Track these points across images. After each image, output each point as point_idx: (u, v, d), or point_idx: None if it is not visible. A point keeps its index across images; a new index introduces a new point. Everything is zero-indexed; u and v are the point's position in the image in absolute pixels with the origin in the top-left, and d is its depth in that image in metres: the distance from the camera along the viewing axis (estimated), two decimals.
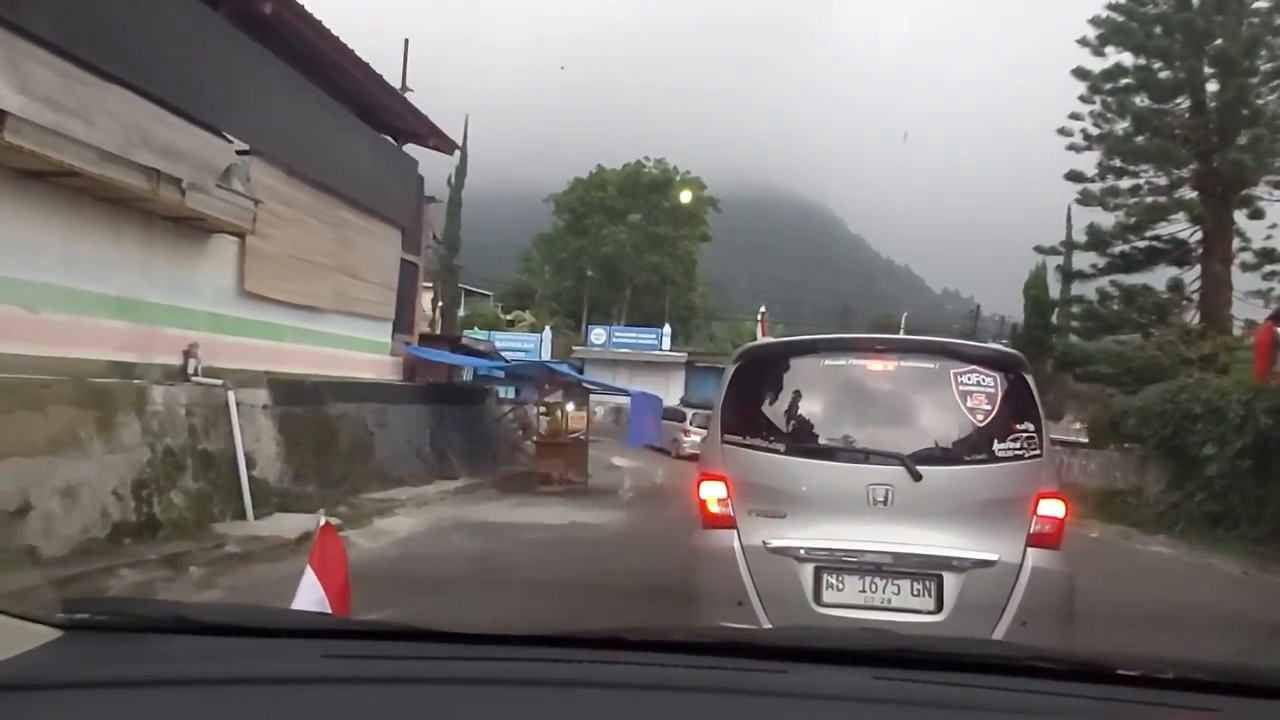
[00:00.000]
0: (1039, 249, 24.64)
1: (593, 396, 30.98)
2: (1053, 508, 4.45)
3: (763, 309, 40.93)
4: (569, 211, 49.97)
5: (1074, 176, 23.67)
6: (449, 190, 46.55)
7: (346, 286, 13.49)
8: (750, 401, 4.86)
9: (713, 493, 4.70)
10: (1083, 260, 24.76)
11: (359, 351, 14.14)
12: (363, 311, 14.15)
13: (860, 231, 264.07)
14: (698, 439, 31.46)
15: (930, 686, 1.37)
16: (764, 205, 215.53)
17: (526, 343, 46.32)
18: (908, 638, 1.64)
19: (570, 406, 17.56)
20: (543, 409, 18.54)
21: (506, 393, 27.14)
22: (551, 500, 14.62)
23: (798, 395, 4.82)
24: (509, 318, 52.16)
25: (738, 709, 1.28)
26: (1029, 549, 4.36)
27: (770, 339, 6.58)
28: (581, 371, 47.21)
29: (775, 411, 4.78)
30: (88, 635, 1.43)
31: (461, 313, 56.72)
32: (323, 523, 3.30)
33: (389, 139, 15.61)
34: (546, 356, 45.90)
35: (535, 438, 16.29)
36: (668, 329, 46.10)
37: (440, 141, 16.04)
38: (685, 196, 46.28)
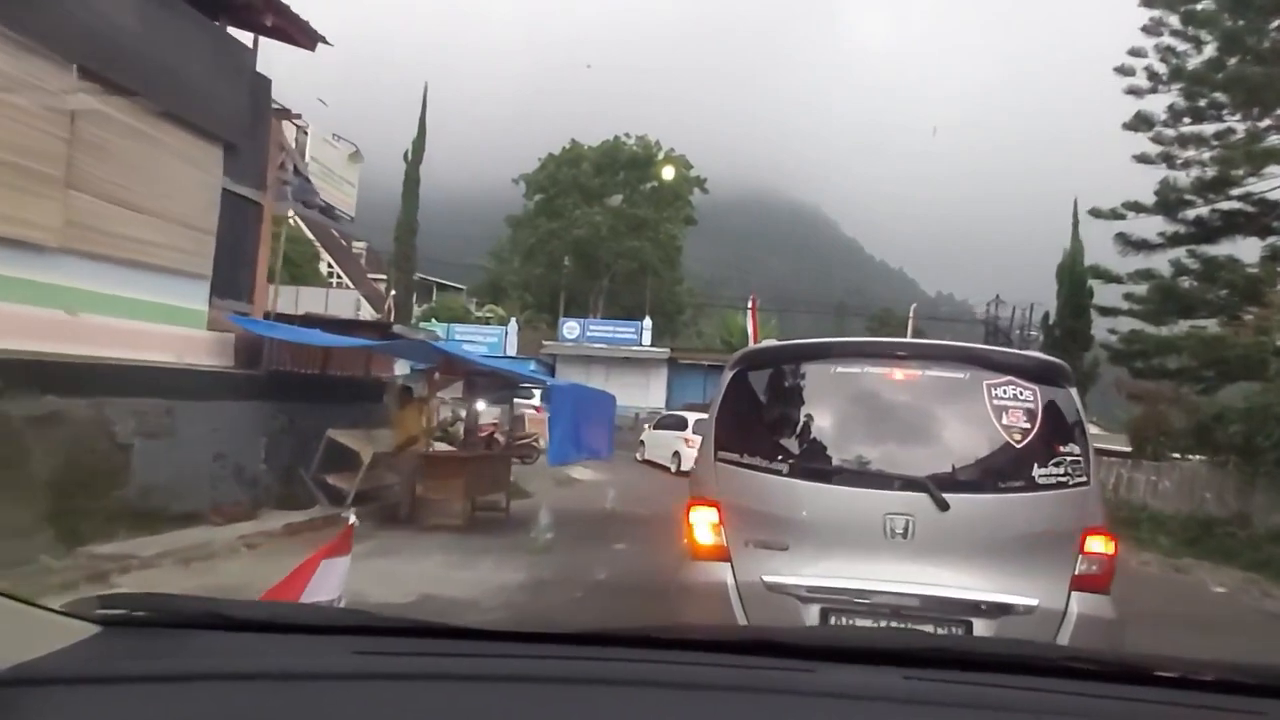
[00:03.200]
0: (1095, 212, 19.87)
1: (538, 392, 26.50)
2: (1102, 545, 3.95)
3: (753, 296, 36.40)
4: (540, 191, 44.99)
5: (1140, 122, 18.98)
6: (405, 166, 41.96)
7: (100, 217, 8.65)
8: (749, 414, 4.33)
9: (703, 519, 4.16)
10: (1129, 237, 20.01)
11: (139, 320, 9.28)
12: (142, 259, 9.29)
13: (854, 234, 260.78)
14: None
15: (963, 687, 1.34)
16: (758, 207, 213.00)
17: (490, 337, 41.49)
18: (940, 637, 1.75)
19: (482, 405, 12.74)
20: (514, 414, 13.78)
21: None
22: (432, 546, 9.77)
23: (804, 407, 4.22)
24: (483, 313, 47.47)
25: (766, 708, 1.27)
26: (1074, 593, 3.86)
27: (773, 341, 4.87)
28: (553, 370, 42.62)
29: (778, 426, 4.23)
30: (125, 631, 1.43)
31: (423, 305, 52.22)
32: (352, 521, 3.69)
33: (207, 20, 10.72)
34: (512, 352, 41.10)
35: (430, 449, 11.39)
36: (648, 322, 41.29)
37: (286, 25, 11.15)
38: (668, 173, 41.40)
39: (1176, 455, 21.06)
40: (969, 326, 30.95)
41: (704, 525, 4.16)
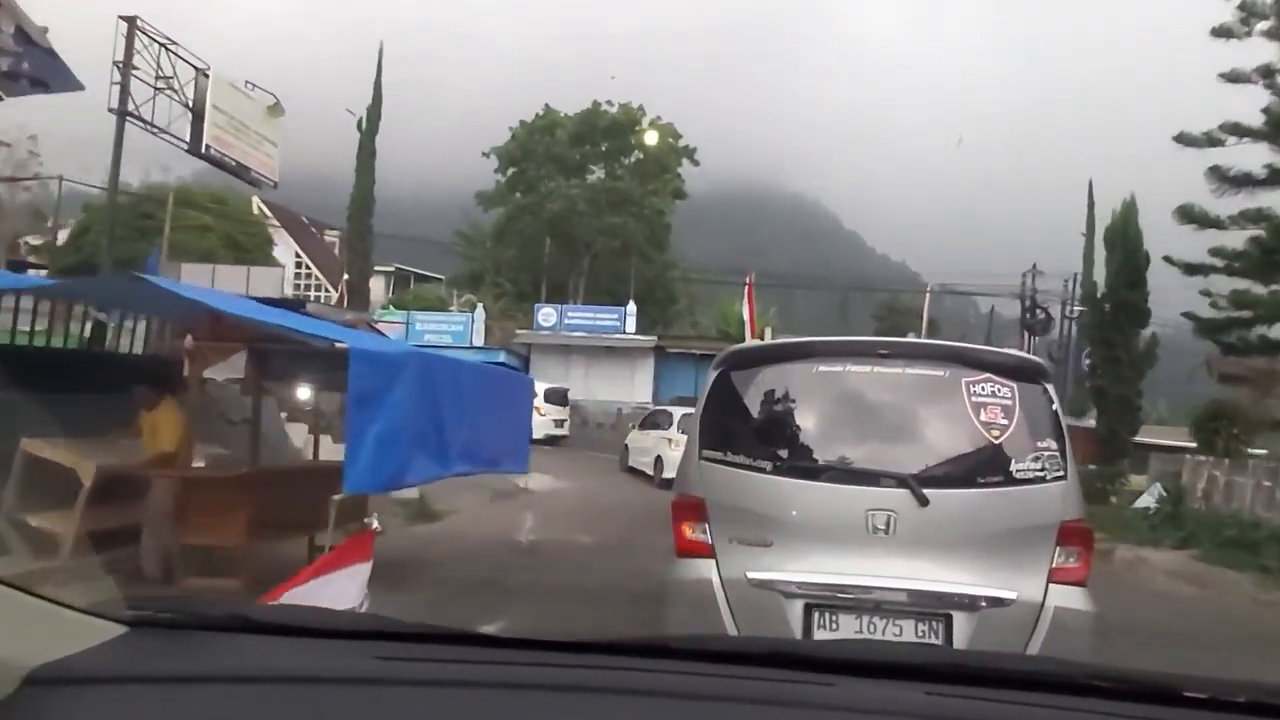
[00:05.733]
0: (1182, 139, 15.47)
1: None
2: (1079, 538, 4.07)
3: (750, 276, 32.04)
4: (512, 164, 40.50)
5: (1247, 14, 14.62)
6: (359, 138, 37.52)
7: None
8: (733, 413, 4.42)
9: (688, 516, 4.26)
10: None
11: None
12: None
13: (855, 227, 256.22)
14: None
15: (985, 704, 1.33)
16: (758, 201, 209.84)
17: (455, 326, 37.09)
18: (962, 653, 1.76)
19: (307, 391, 8.30)
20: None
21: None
22: None
23: (787, 406, 4.32)
24: (461, 304, 43.19)
25: None
26: (1051, 585, 3.95)
27: (757, 342, 5.48)
28: (528, 363, 38.23)
29: (761, 424, 4.34)
30: (151, 632, 1.45)
31: (399, 294, 48.00)
32: (375, 526, 3.81)
33: None
34: (479, 342, 36.69)
35: (172, 469, 6.92)
36: (632, 307, 36.86)
37: None
38: (651, 137, 36.91)
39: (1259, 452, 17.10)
40: (1003, 304, 26.42)
41: (689, 522, 4.20)
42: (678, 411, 21.32)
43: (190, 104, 21.88)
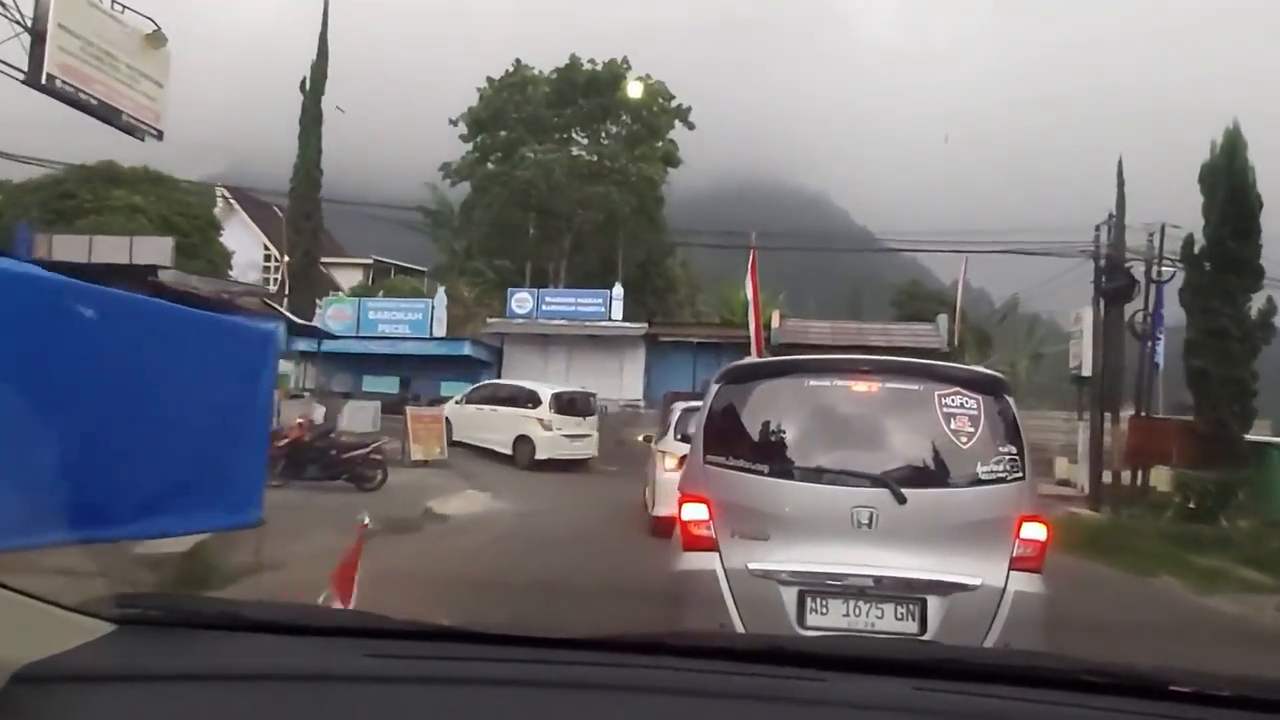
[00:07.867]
0: None
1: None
2: (1035, 531, 4.54)
3: (753, 250, 26.99)
4: (481, 130, 35.50)
5: None
6: (303, 100, 32.62)
7: None
8: (733, 422, 4.93)
9: (694, 514, 4.74)
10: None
11: None
12: None
13: (865, 222, 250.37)
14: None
15: (973, 699, 1.35)
16: (764, 198, 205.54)
17: (414, 314, 32.12)
18: (950, 648, 1.79)
19: None
20: None
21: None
22: None
23: (781, 416, 4.86)
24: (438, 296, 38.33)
25: (777, 716, 1.30)
26: (1012, 572, 4.43)
27: (754, 359, 5.52)
28: (500, 354, 33.17)
29: (758, 432, 4.85)
30: (140, 630, 1.44)
31: (379, 286, 43.39)
32: (365, 521, 4.04)
33: None
34: (440, 331, 31.67)
35: None
36: (619, 290, 31.81)
37: None
38: (634, 89, 31.85)
39: None
40: (1075, 263, 21.23)
41: (695, 520, 4.64)
42: (547, 391, 21.09)
43: (30, 23, 17.10)
